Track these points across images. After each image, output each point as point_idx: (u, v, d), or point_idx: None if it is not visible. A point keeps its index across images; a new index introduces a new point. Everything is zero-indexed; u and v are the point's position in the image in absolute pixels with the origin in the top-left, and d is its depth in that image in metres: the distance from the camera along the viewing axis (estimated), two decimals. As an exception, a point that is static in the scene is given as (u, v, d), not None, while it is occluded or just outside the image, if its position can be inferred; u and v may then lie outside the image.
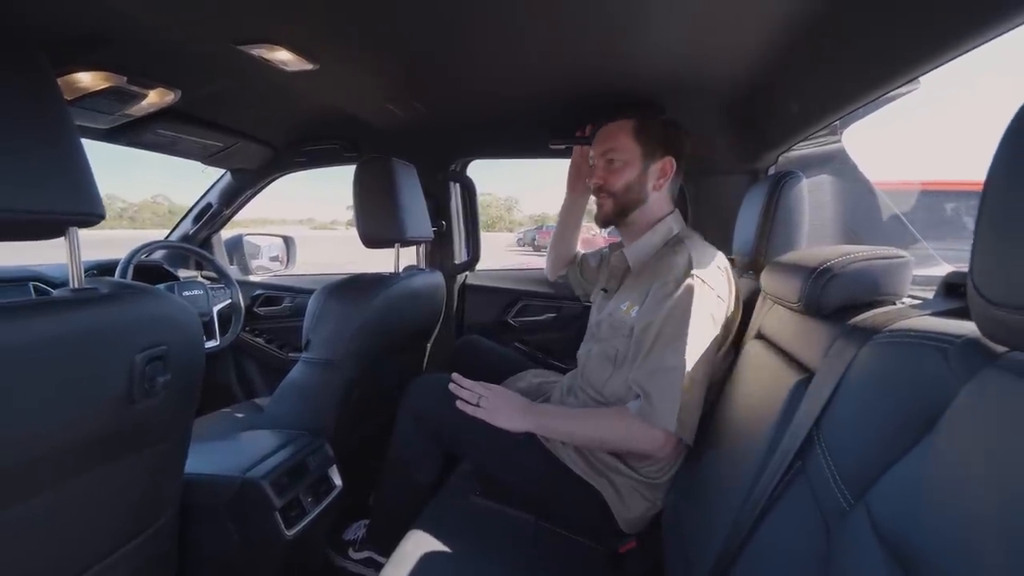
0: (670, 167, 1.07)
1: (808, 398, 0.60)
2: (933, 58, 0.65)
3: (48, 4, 0.71)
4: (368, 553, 1.26)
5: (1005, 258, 0.35)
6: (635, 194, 1.08)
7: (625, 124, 1.08)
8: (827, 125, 0.98)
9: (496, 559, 0.90)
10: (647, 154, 1.06)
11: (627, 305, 1.03)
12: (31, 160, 0.53)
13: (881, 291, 0.63)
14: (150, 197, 48.77)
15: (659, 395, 0.88)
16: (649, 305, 0.96)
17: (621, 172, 1.07)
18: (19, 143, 0.53)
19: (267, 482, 0.89)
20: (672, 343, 0.89)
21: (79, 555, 0.67)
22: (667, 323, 0.90)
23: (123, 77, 0.93)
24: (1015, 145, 0.34)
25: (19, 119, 0.53)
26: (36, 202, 0.54)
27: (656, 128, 1.07)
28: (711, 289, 0.92)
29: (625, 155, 1.07)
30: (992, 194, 0.36)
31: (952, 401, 0.41)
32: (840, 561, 0.47)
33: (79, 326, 0.57)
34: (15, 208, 0.52)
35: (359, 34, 0.84)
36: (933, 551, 0.37)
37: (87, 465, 0.63)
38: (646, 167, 1.07)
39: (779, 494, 0.60)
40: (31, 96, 0.55)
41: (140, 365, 0.63)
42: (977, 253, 0.37)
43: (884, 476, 0.45)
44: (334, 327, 1.09)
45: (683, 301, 0.90)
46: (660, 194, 1.09)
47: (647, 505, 0.98)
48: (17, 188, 0.52)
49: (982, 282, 0.37)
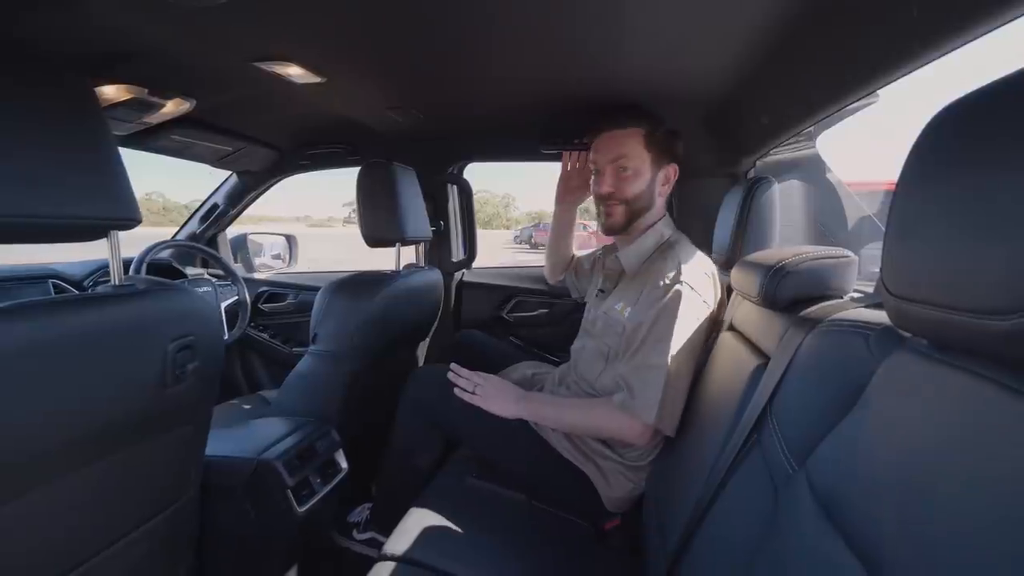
0: (674, 174, 1.13)
1: (764, 380, 0.68)
2: (887, 74, 0.72)
3: (85, 24, 0.78)
4: (371, 534, 1.33)
5: (905, 259, 0.42)
6: (644, 201, 1.11)
7: (635, 132, 1.09)
8: (796, 133, 1.06)
9: (491, 534, 0.97)
10: (656, 162, 1.10)
11: (621, 306, 1.09)
12: (77, 170, 0.60)
13: (829, 286, 0.71)
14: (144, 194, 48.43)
15: (641, 390, 0.95)
16: (640, 307, 1.03)
17: (633, 180, 1.09)
18: (66, 155, 0.60)
19: (280, 463, 0.97)
20: (658, 344, 0.96)
21: (110, 528, 0.73)
22: (655, 325, 0.97)
23: (144, 89, 1.00)
24: (920, 161, 0.41)
25: (66, 134, 0.60)
26: (82, 208, 0.61)
27: (662, 137, 1.11)
28: (697, 295, 0.99)
29: (636, 162, 1.09)
30: (899, 203, 0.43)
31: (871, 379, 0.50)
32: (782, 518, 0.55)
33: (122, 319, 0.64)
34: (63, 215, 0.59)
35: (365, 50, 0.91)
36: (849, 502, 0.44)
37: (122, 444, 0.69)
38: (655, 174, 1.11)
39: (737, 465, 0.68)
40: (76, 112, 0.62)
41: (172, 353, 0.70)
42: (885, 254, 0.45)
43: (821, 444, 0.53)
44: (340, 322, 1.16)
45: (671, 306, 0.97)
46: (663, 200, 1.15)
47: (630, 486, 1.06)
48: (64, 196, 0.59)
49: (888, 279, 0.45)
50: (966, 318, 0.35)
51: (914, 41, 0.62)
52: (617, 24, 0.81)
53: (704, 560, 0.69)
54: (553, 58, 0.95)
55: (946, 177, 0.38)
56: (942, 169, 0.39)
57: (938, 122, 0.39)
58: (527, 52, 0.93)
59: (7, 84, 0.55)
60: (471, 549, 0.92)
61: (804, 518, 0.50)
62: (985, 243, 0.33)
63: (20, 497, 0.58)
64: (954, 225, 0.36)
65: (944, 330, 0.39)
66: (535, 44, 0.89)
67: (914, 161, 0.42)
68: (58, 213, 0.58)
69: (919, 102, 9.11)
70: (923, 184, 0.41)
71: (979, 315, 0.34)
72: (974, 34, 0.55)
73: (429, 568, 0.87)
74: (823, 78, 0.82)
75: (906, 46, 0.64)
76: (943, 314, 0.37)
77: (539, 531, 1.02)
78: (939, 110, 0.40)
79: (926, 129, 0.40)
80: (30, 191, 0.55)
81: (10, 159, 0.54)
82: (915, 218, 0.41)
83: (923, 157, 0.41)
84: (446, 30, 0.84)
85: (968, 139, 0.36)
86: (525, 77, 1.05)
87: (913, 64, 0.67)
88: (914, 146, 0.41)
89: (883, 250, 0.45)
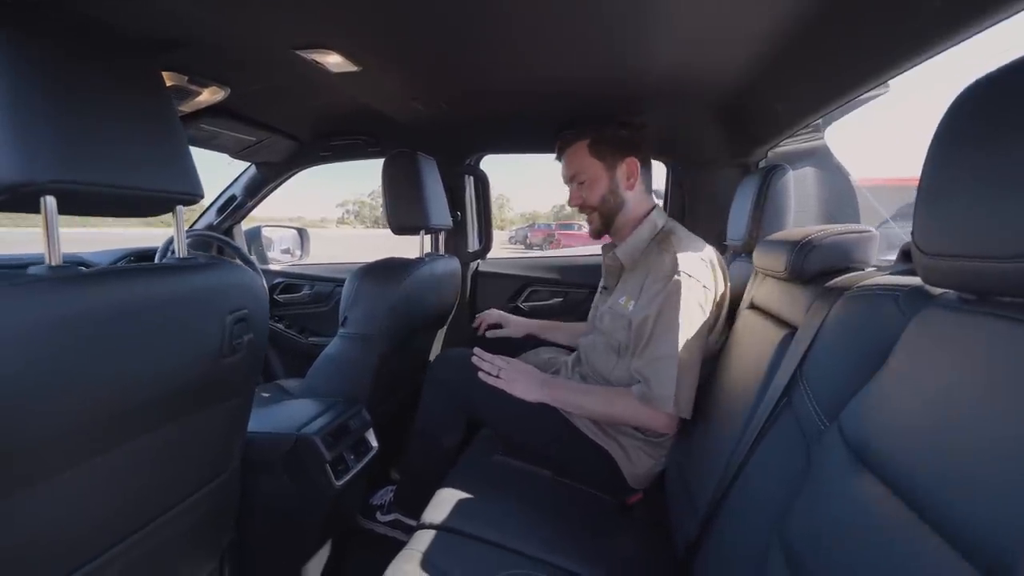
0: (634, 166, 1.17)
1: (793, 347, 0.73)
2: (898, 65, 0.77)
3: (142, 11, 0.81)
4: (395, 516, 1.37)
5: (938, 219, 0.47)
6: (612, 202, 1.18)
7: (580, 145, 1.18)
8: (808, 124, 1.11)
9: (521, 505, 1.01)
10: (609, 164, 1.17)
11: (624, 299, 1.14)
12: (150, 148, 0.64)
13: (852, 259, 0.76)
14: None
15: (657, 382, 1.00)
16: (643, 301, 1.07)
17: (592, 188, 1.18)
18: (139, 131, 0.63)
19: (318, 438, 1.00)
20: (665, 334, 1.00)
21: (165, 496, 0.76)
22: (660, 317, 1.02)
23: (184, 77, 1.03)
24: (951, 129, 0.45)
25: (139, 111, 0.63)
26: (155, 182, 0.64)
27: (609, 137, 1.17)
28: (696, 281, 1.03)
29: (590, 173, 1.18)
30: (930, 168, 0.47)
31: (900, 335, 0.54)
32: (816, 469, 0.59)
33: (187, 288, 0.67)
34: (140, 186, 0.62)
35: (401, 39, 0.94)
36: (883, 448, 0.47)
37: (182, 413, 0.72)
38: (612, 175, 1.17)
39: (769, 426, 0.72)
40: (147, 92, 0.65)
41: (230, 325, 0.73)
42: (917, 217, 0.49)
43: (852, 400, 0.57)
44: (370, 305, 1.20)
45: (673, 297, 1.01)
46: (635, 193, 1.19)
47: (651, 462, 1.11)
48: (139, 171, 0.62)
49: (921, 239, 0.49)
50: (999, 264, 0.39)
51: (933, 29, 0.67)
52: (639, 18, 0.84)
53: (737, 516, 0.73)
54: (574, 49, 0.99)
55: (976, 142, 0.42)
56: (973, 136, 0.43)
57: (968, 94, 0.44)
58: (551, 43, 0.96)
59: (89, 61, 0.58)
60: (503, 518, 0.96)
61: (838, 466, 0.54)
62: (1014, 197, 0.38)
63: (86, 461, 0.60)
64: (985, 184, 0.41)
65: (978, 280, 0.43)
66: (559, 36, 0.93)
67: (945, 130, 0.46)
68: (134, 184, 0.61)
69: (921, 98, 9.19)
70: (955, 150, 0.45)
71: (1012, 259, 0.38)
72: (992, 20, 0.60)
73: (466, 535, 0.91)
74: (840, 66, 0.86)
75: (924, 34, 0.69)
76: (977, 264, 0.41)
77: (566, 504, 1.06)
78: (967, 85, 0.44)
79: (957, 101, 0.45)
80: (111, 163, 0.58)
81: (94, 132, 0.57)
82: (947, 181, 0.45)
83: (954, 126, 0.45)
84: (478, 20, 0.87)
85: (997, 109, 0.41)
86: (546, 67, 1.08)
87: (931, 51, 0.71)
88: (945, 116, 0.46)
89: (915, 214, 0.50)
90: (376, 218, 57.72)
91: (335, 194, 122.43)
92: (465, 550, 0.87)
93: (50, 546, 0.60)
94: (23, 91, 0.52)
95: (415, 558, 0.83)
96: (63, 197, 0.55)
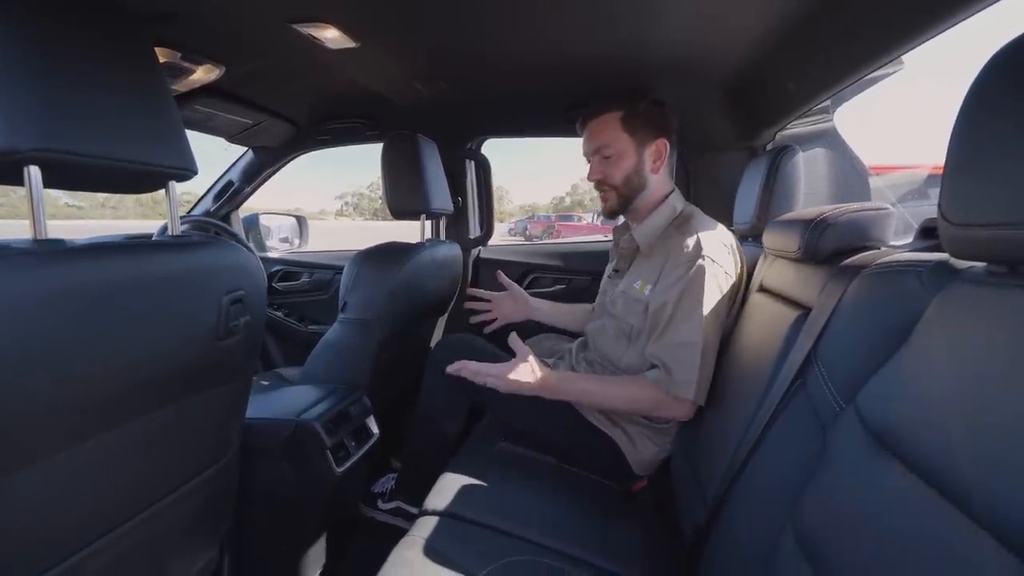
0: (664, 148, 1.11)
1: (807, 328, 0.70)
2: (913, 37, 0.74)
3: None
4: (397, 503, 1.35)
5: (967, 188, 0.45)
6: (635, 182, 1.11)
7: (612, 117, 1.10)
8: (820, 102, 1.08)
9: (525, 492, 1.00)
10: (640, 141, 1.10)
11: (640, 283, 1.10)
12: (141, 121, 0.61)
13: (868, 237, 0.73)
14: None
15: (679, 368, 0.96)
16: (663, 285, 1.03)
17: (617, 164, 1.10)
18: (131, 107, 0.60)
19: (319, 424, 0.98)
20: (688, 320, 0.97)
21: (161, 482, 0.74)
22: (682, 301, 0.98)
23: (177, 53, 1.00)
24: (979, 100, 0.43)
25: (130, 83, 0.61)
26: (146, 156, 0.61)
27: (643, 113, 1.10)
28: (720, 267, 1.00)
29: (618, 147, 1.10)
30: (958, 140, 0.45)
31: (924, 312, 0.52)
32: (832, 452, 0.58)
33: (181, 266, 0.65)
34: (131, 159, 0.59)
35: (401, 12, 0.91)
36: (908, 431, 0.45)
37: (178, 395, 0.70)
38: (641, 154, 1.10)
39: (782, 409, 0.70)
40: (139, 64, 0.62)
41: (226, 306, 0.71)
42: (944, 189, 0.47)
43: (871, 380, 0.55)
44: (370, 290, 1.18)
45: (696, 281, 0.97)
46: (659, 176, 1.13)
47: (656, 449, 1.09)
48: (130, 144, 0.59)
49: (948, 210, 0.47)
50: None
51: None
52: None
53: (748, 501, 0.71)
54: (581, 24, 0.96)
55: (1005, 109, 0.40)
56: (1002, 102, 0.41)
57: (996, 61, 0.41)
58: (557, 17, 0.93)
59: (76, 29, 0.55)
60: (506, 505, 0.94)
61: (855, 449, 0.52)
62: None
63: (82, 442, 0.58)
64: (1016, 149, 0.38)
65: (1010, 249, 0.41)
66: (566, 8, 0.90)
67: (974, 99, 0.44)
68: (124, 156, 0.58)
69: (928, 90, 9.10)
70: (984, 117, 0.43)
71: None
72: None
73: (468, 521, 0.89)
74: (854, 40, 0.83)
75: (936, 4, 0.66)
76: (1008, 232, 0.39)
77: (570, 491, 1.04)
78: (995, 52, 0.42)
79: (984, 69, 0.42)
80: (99, 134, 0.56)
81: (82, 102, 0.54)
82: (976, 150, 0.43)
83: (982, 96, 0.43)
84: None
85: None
86: (551, 43, 1.05)
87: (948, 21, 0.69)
88: (973, 85, 0.43)
89: (942, 186, 0.47)
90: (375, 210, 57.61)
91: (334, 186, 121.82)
92: (468, 536, 0.86)
93: (47, 530, 0.59)
94: (3, 55, 0.49)
95: (417, 544, 0.82)
96: (48, 168, 0.52)
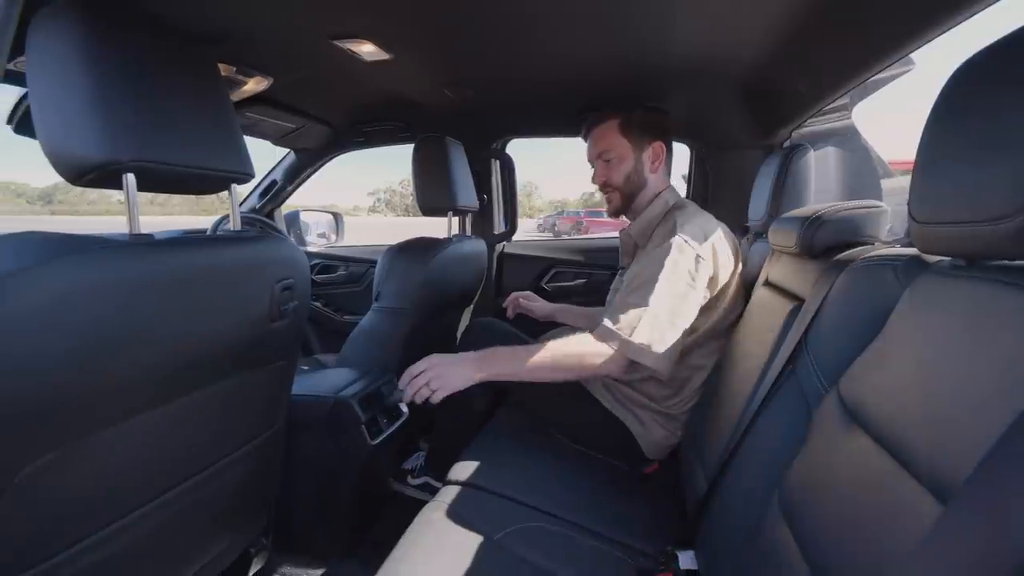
0: (661, 149, 1.19)
1: (799, 318, 0.76)
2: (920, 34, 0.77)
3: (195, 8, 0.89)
4: (425, 479, 1.46)
5: (931, 188, 0.50)
6: (635, 182, 1.20)
7: (611, 124, 1.19)
8: (834, 101, 1.11)
9: (539, 470, 1.08)
10: (636, 145, 1.18)
11: None
12: (209, 131, 0.71)
13: (862, 234, 0.78)
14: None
15: (614, 319, 0.99)
16: (637, 265, 1.10)
17: (618, 166, 1.19)
18: (201, 119, 0.70)
19: (355, 401, 1.09)
20: (643, 287, 1.01)
21: (220, 446, 0.85)
22: (643, 271, 1.03)
23: (233, 68, 1.12)
24: (946, 104, 0.48)
25: (200, 102, 0.71)
26: (214, 162, 0.72)
27: (639, 118, 1.18)
28: (691, 249, 1.02)
29: (617, 151, 1.19)
30: (925, 142, 0.50)
31: (897, 302, 0.57)
32: (815, 430, 0.63)
33: (242, 257, 0.75)
34: (202, 166, 0.70)
35: (432, 26, 1.00)
36: (873, 404, 0.51)
37: (231, 371, 0.80)
38: (638, 156, 1.19)
39: (775, 392, 0.76)
40: (205, 84, 0.73)
41: (277, 292, 0.81)
42: (913, 187, 0.52)
43: (852, 365, 0.61)
44: (402, 280, 1.28)
45: (660, 254, 1.02)
46: (657, 176, 1.21)
47: (665, 434, 1.15)
48: (201, 152, 0.70)
49: (915, 209, 0.52)
50: (984, 228, 0.41)
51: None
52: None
53: (743, 473, 0.77)
54: (599, 30, 1.02)
55: (966, 113, 0.45)
56: (963, 108, 0.46)
57: (961, 71, 0.46)
58: (575, 26, 1.00)
59: (155, 53, 0.66)
60: (523, 479, 1.03)
61: (833, 425, 0.58)
62: (999, 162, 0.40)
63: (164, 404, 0.69)
64: (973, 151, 0.43)
65: (967, 244, 0.46)
66: (586, 18, 0.96)
67: (940, 105, 0.49)
68: (197, 164, 0.68)
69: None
70: (948, 124, 0.48)
71: (993, 222, 0.41)
72: None
73: (488, 491, 0.98)
74: (863, 38, 0.86)
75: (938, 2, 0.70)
76: (964, 229, 0.44)
77: (584, 470, 1.12)
78: (959, 66, 0.47)
79: (949, 81, 0.47)
80: (179, 144, 0.66)
81: (165, 116, 0.65)
82: (939, 151, 0.48)
83: (945, 106, 0.48)
84: (503, 6, 0.91)
85: (988, 82, 0.43)
86: (570, 51, 1.12)
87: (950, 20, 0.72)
88: (940, 93, 0.48)
89: (911, 185, 0.52)
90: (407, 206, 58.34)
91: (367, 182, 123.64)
92: (487, 504, 0.94)
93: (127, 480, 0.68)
94: (107, 80, 0.60)
95: (441, 508, 0.91)
96: (141, 175, 0.62)
